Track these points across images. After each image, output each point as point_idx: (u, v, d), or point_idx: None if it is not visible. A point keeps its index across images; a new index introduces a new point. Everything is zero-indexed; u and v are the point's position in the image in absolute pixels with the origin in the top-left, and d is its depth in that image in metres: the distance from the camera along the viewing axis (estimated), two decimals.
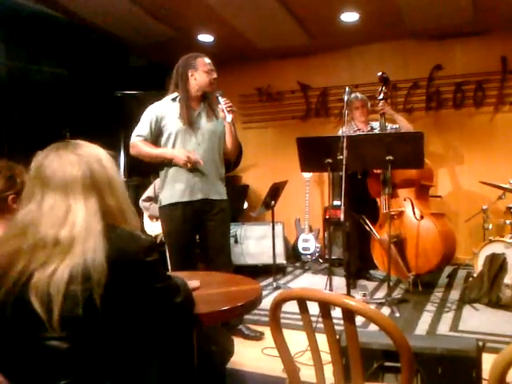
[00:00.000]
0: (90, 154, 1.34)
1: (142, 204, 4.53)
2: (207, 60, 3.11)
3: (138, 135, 3.02)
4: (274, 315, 1.38)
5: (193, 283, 1.83)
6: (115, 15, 4.74)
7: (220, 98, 3.04)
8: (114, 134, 5.16)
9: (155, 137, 3.04)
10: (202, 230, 3.07)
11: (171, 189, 3.01)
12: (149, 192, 4.54)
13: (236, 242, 4.76)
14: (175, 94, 3.06)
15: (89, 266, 1.18)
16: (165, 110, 3.03)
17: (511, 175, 4.30)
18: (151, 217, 4.52)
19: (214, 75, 3.09)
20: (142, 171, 5.00)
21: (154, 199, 4.53)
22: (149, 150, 3.01)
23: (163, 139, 3.03)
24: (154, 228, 4.48)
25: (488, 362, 1.04)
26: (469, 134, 5.45)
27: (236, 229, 4.95)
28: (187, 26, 5.12)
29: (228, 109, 3.01)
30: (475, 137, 5.41)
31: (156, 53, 6.00)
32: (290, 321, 2.95)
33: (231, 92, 6.71)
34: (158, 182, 4.54)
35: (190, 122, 3.00)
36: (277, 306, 1.35)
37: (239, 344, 2.80)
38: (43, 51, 4.93)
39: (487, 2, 4.47)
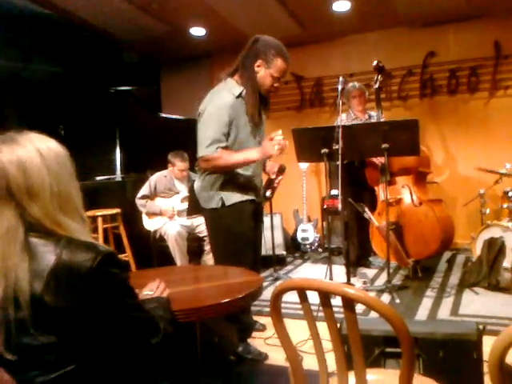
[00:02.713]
0: (11, 159, 1.15)
1: (138, 202, 4.51)
2: (285, 66, 2.58)
3: (219, 145, 2.50)
4: (275, 306, 1.40)
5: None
6: (106, 12, 4.72)
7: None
8: (109, 129, 5.16)
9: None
10: (255, 230, 2.83)
11: (234, 188, 2.64)
12: (144, 190, 4.52)
13: None
14: (238, 88, 2.57)
15: (14, 287, 1.08)
16: (236, 110, 2.54)
17: (507, 159, 4.32)
18: (148, 214, 4.51)
19: (277, 84, 2.62)
20: (139, 167, 5.01)
21: (149, 197, 4.52)
22: (236, 159, 2.54)
23: (230, 143, 2.58)
24: (152, 224, 4.49)
25: (488, 344, 1.06)
26: (464, 120, 5.46)
27: None
28: (179, 19, 5.11)
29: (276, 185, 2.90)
30: (470, 122, 5.42)
31: (149, 48, 5.99)
32: (291, 310, 2.98)
33: None
34: (154, 178, 4.56)
35: (257, 123, 2.64)
36: (277, 296, 1.37)
37: None
38: (37, 49, 4.92)
39: None
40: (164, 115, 5.56)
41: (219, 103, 2.52)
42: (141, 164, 4.94)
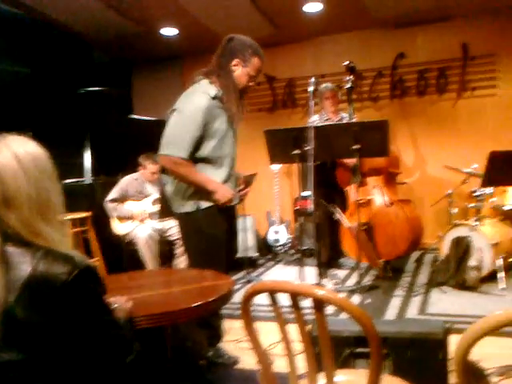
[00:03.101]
0: None
1: (108, 205, 4.42)
2: (261, 65, 2.60)
3: (190, 151, 2.47)
4: (246, 309, 1.39)
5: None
6: (76, 10, 4.64)
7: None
8: (78, 131, 5.07)
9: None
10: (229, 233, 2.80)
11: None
12: (114, 193, 4.44)
13: None
14: (213, 90, 2.52)
15: None
16: (211, 111, 2.49)
17: (474, 160, 4.42)
18: (119, 218, 4.44)
19: (252, 83, 2.62)
20: (109, 170, 4.93)
21: (120, 200, 4.45)
22: (197, 179, 2.52)
23: (208, 144, 2.53)
24: (123, 228, 4.42)
25: (455, 342, 1.08)
26: (433, 121, 5.57)
27: None
28: (151, 19, 5.06)
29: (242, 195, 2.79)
30: (439, 123, 5.54)
31: (120, 48, 5.92)
32: (263, 313, 2.98)
33: None
34: (125, 181, 4.49)
35: (236, 122, 2.63)
36: (247, 299, 1.36)
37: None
38: (3, 49, 4.79)
39: None
40: (135, 117, 5.50)
41: (196, 105, 2.47)
42: (112, 166, 4.87)
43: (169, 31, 5.42)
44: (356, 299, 3.70)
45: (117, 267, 4.34)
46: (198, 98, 2.50)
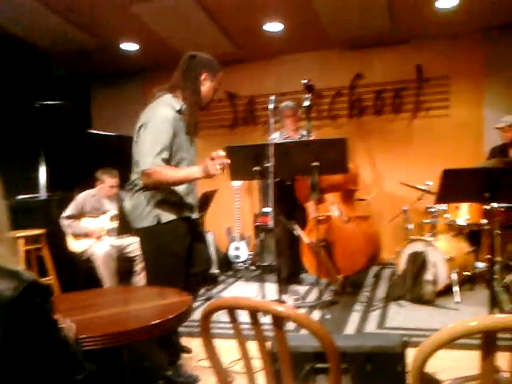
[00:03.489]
0: None
1: (63, 222, 4.28)
2: (221, 80, 2.72)
3: (162, 158, 2.45)
4: (205, 326, 1.38)
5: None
6: (34, 24, 4.57)
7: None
8: (33, 145, 4.93)
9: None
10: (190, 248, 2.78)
11: (170, 205, 2.60)
12: (71, 209, 4.32)
13: None
14: (178, 104, 2.58)
15: None
16: (176, 124, 2.54)
17: (428, 177, 4.55)
18: (75, 235, 4.32)
19: (215, 96, 2.73)
20: (66, 185, 4.80)
21: (76, 217, 4.34)
22: (173, 175, 2.50)
23: (171, 158, 2.54)
24: (79, 245, 4.30)
25: (412, 355, 1.11)
26: (389, 139, 5.73)
27: None
28: (111, 34, 5.03)
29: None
30: (395, 142, 5.70)
31: (79, 61, 5.83)
32: (224, 330, 2.95)
33: None
34: (81, 197, 4.38)
35: (193, 137, 2.66)
36: (206, 316, 1.35)
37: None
38: None
39: (402, 14, 4.74)
40: (94, 131, 5.40)
41: (164, 116, 2.50)
42: (68, 182, 4.74)
43: (129, 46, 5.39)
44: (316, 315, 3.72)
45: (73, 286, 4.21)
46: (163, 109, 2.53)
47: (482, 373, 1.06)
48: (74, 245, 4.30)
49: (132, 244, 4.28)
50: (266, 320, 1.28)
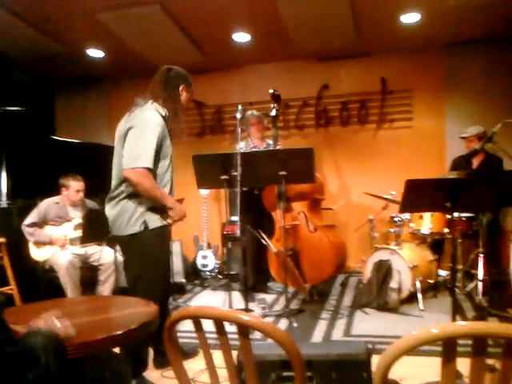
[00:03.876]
0: None
1: (25, 230, 4.16)
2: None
3: (151, 163, 2.56)
4: (169, 336, 1.36)
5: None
6: None
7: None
8: None
9: None
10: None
11: (156, 212, 2.67)
12: (33, 217, 4.20)
13: None
14: (162, 110, 2.72)
15: None
16: (164, 128, 2.67)
17: (392, 187, 4.64)
18: (37, 243, 4.20)
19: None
20: (27, 193, 4.67)
21: (38, 224, 4.23)
22: (159, 193, 2.63)
23: (159, 164, 2.67)
24: (41, 254, 4.19)
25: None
26: (355, 150, 5.82)
27: None
28: (75, 40, 4.95)
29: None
30: (361, 152, 5.79)
31: (43, 67, 5.72)
32: (191, 340, 2.92)
33: (124, 109, 6.55)
34: (44, 204, 4.27)
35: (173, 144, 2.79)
36: (171, 327, 1.33)
37: None
38: None
39: (368, 27, 4.85)
40: (57, 138, 5.27)
41: (152, 120, 2.61)
42: (30, 190, 4.61)
43: (95, 53, 5.32)
44: (283, 323, 3.72)
45: (34, 296, 4.09)
46: (153, 114, 2.65)
47: (443, 379, 1.08)
48: (36, 253, 4.19)
49: (96, 253, 4.19)
50: (232, 329, 1.28)
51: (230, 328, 1.25)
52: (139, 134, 2.57)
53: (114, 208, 2.67)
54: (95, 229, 3.69)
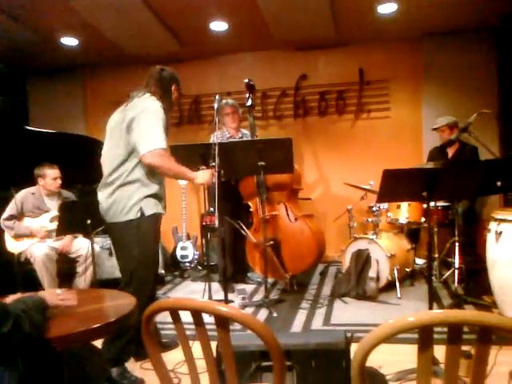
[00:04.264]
0: None
1: (4, 223, 4.09)
2: None
3: (165, 143, 2.66)
4: (147, 328, 1.35)
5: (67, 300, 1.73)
6: None
7: None
8: None
9: None
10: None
11: (152, 199, 2.74)
12: (10, 210, 4.12)
13: (111, 254, 4.56)
14: (159, 102, 2.78)
15: None
16: (164, 119, 2.75)
17: (371, 177, 4.68)
18: (16, 236, 4.12)
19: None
20: (1, 185, 4.56)
21: (17, 217, 4.15)
22: (175, 165, 2.75)
23: None
24: (17, 246, 4.12)
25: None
26: (333, 140, 5.84)
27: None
28: (48, 28, 4.83)
29: None
30: (339, 142, 5.82)
31: (15, 56, 5.57)
32: (170, 331, 2.91)
33: (100, 98, 6.49)
34: (20, 196, 4.19)
35: None
36: (148, 318, 1.32)
37: None
38: None
39: (345, 17, 4.85)
40: (30, 128, 5.16)
41: (156, 106, 2.71)
42: (3, 181, 4.51)
43: (69, 41, 5.20)
44: (263, 313, 3.73)
45: (10, 289, 4.01)
46: (154, 103, 2.74)
47: (420, 366, 1.09)
48: (13, 245, 4.12)
49: (74, 245, 4.14)
50: (212, 320, 1.27)
51: (209, 319, 1.24)
52: (146, 119, 2.64)
53: (110, 196, 2.69)
54: (71, 220, 3.62)
